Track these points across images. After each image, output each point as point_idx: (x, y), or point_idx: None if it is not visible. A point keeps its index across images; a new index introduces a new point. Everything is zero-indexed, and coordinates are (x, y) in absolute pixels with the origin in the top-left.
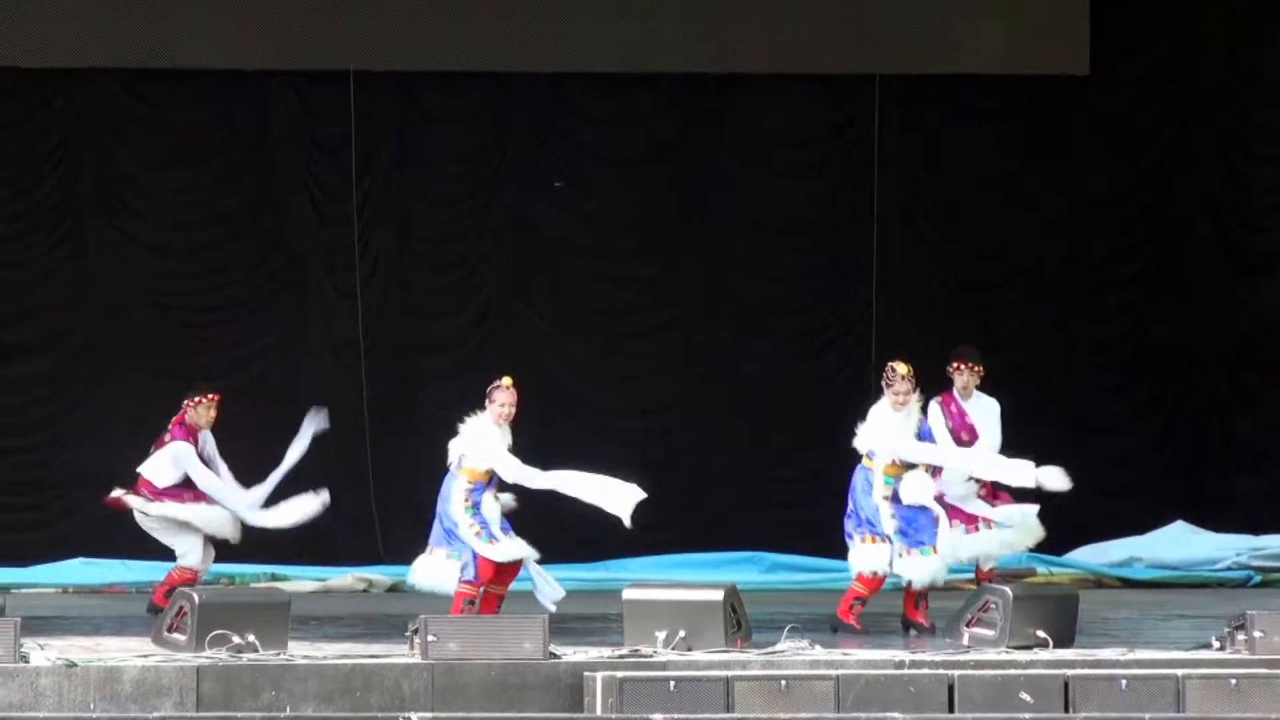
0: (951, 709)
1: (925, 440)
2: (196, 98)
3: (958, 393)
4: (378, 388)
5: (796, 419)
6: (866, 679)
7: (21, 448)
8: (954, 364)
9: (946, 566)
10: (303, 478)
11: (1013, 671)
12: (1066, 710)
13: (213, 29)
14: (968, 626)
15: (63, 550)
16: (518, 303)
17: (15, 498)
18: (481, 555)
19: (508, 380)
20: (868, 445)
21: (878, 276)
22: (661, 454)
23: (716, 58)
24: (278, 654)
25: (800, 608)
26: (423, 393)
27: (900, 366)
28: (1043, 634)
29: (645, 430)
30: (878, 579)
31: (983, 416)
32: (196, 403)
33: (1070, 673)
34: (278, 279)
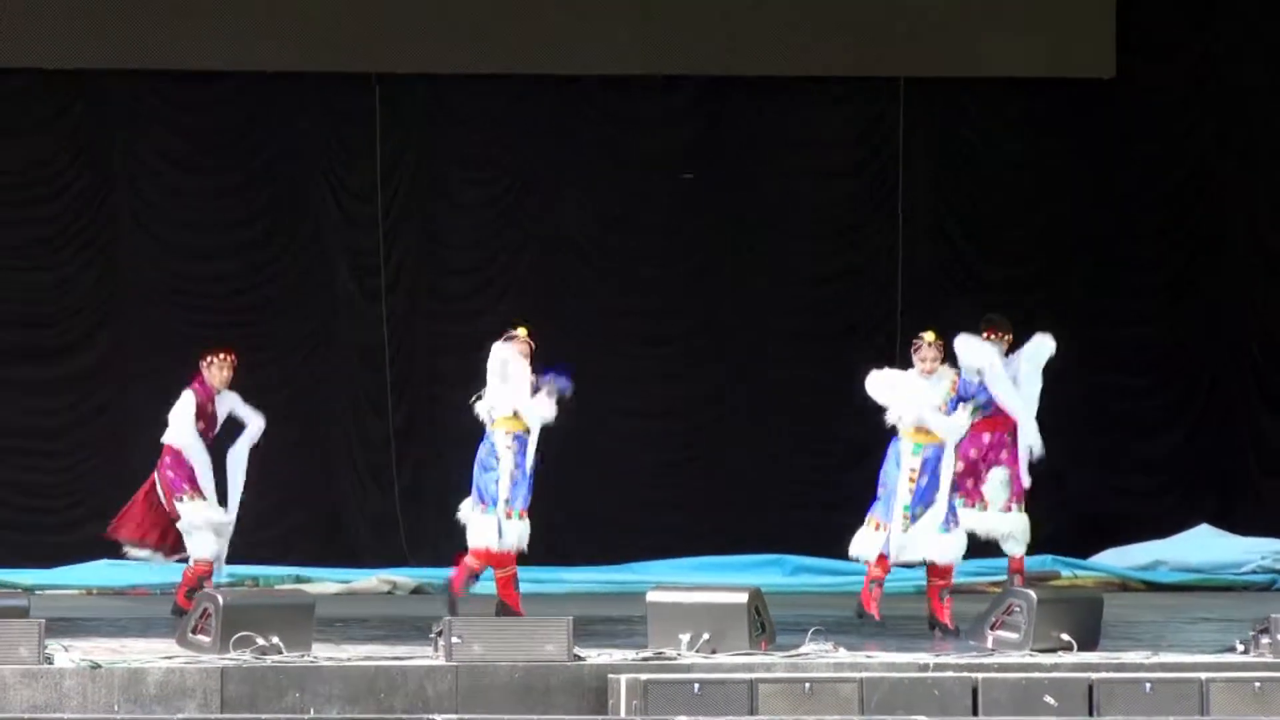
0: (976, 712)
1: (953, 413)
2: (224, 100)
3: None
4: (402, 389)
5: (821, 422)
6: (890, 682)
7: (48, 450)
8: (984, 333)
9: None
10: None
11: (1037, 675)
12: (1091, 714)
13: (241, 31)
14: (992, 629)
15: (88, 552)
16: (543, 305)
17: (41, 499)
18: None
19: (522, 331)
20: (895, 413)
21: (904, 279)
22: (686, 457)
23: (743, 60)
24: (302, 656)
25: (824, 610)
26: (447, 394)
27: (927, 335)
28: (1067, 637)
29: (669, 433)
30: (883, 560)
31: (1022, 368)
32: (209, 363)
33: (1095, 676)
34: (304, 281)
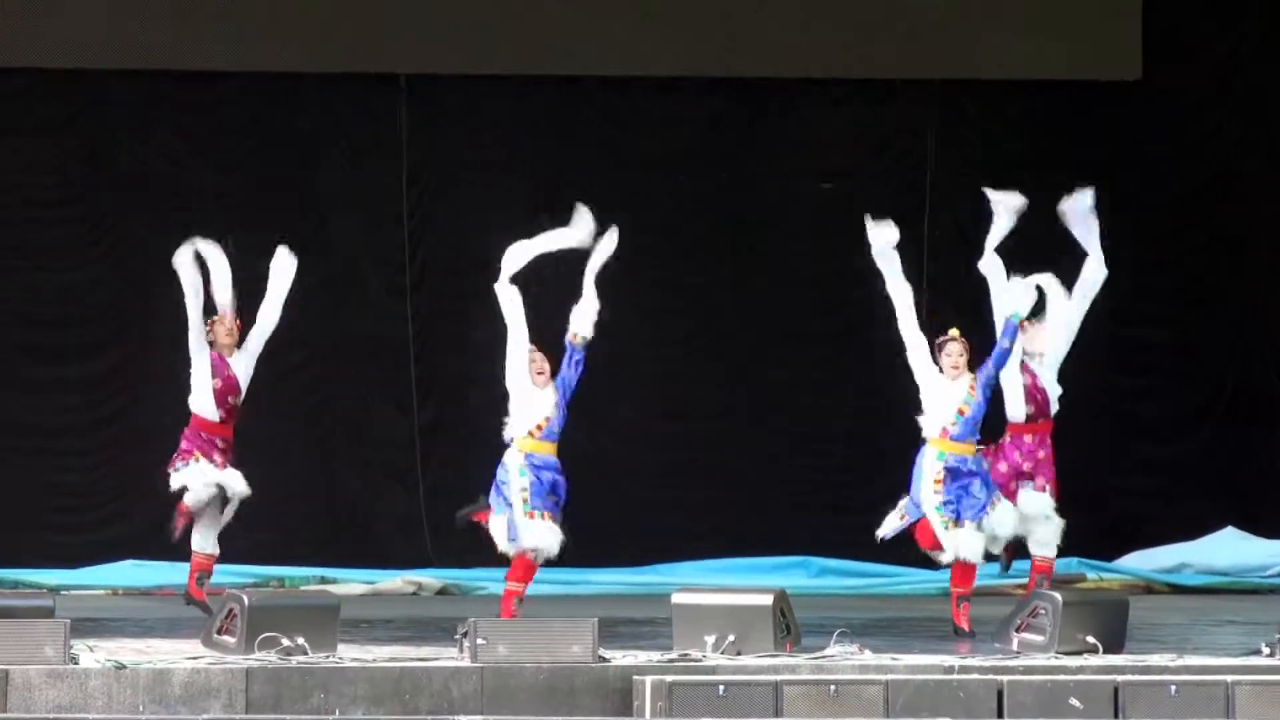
0: (1001, 714)
1: (978, 416)
2: (249, 101)
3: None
4: (427, 389)
5: (845, 423)
6: (915, 684)
7: (74, 450)
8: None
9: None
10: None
11: (1062, 677)
12: (1116, 716)
13: (266, 32)
14: (1017, 632)
15: (113, 552)
16: (566, 306)
17: (66, 499)
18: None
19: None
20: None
21: (928, 280)
22: (709, 458)
23: (765, 63)
24: (327, 657)
25: (849, 612)
26: (471, 395)
27: (953, 331)
28: (1092, 640)
29: (692, 435)
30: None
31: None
32: (209, 328)
33: (1120, 679)
34: (329, 282)
